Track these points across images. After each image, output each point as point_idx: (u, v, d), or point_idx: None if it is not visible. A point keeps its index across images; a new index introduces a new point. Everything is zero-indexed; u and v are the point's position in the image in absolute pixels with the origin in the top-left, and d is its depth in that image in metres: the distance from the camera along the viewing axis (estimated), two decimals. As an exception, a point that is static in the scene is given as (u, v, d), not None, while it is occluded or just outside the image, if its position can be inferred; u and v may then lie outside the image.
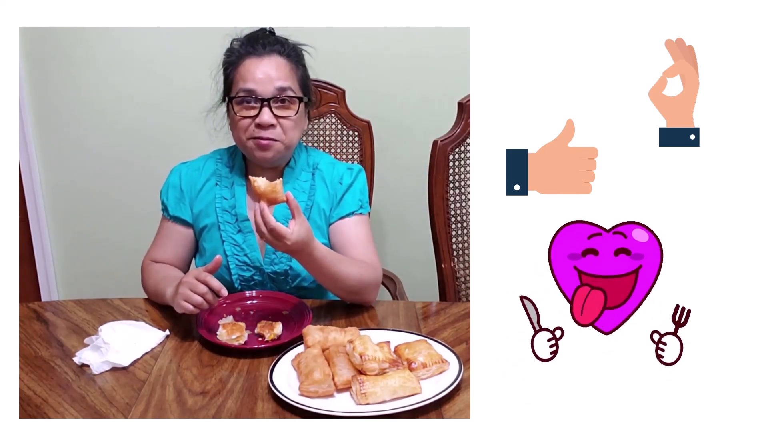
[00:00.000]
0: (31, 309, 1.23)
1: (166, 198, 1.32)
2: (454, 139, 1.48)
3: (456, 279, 1.50)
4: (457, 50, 1.79)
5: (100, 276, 2.14)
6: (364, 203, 1.32)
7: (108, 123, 1.97)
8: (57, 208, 2.07)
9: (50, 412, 0.91)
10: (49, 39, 1.89)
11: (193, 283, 1.07)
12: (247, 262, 1.28)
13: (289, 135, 1.23)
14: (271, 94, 1.20)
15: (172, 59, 1.90)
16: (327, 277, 1.17)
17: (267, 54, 1.22)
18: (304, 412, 0.89)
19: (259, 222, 1.05)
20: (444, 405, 0.92)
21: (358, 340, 0.98)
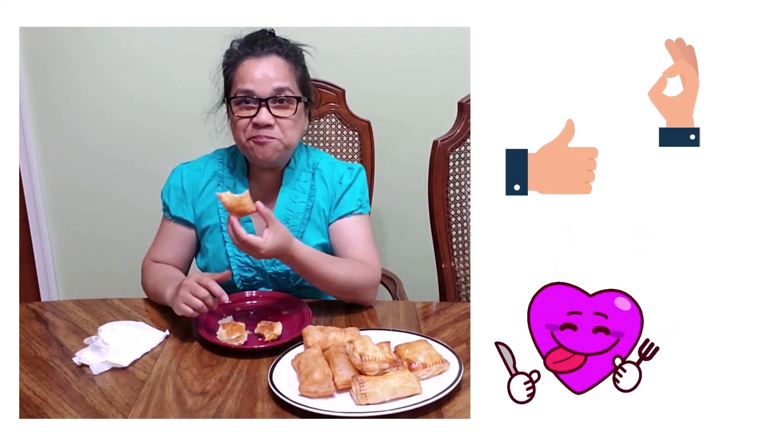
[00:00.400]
0: (31, 309, 1.23)
1: (167, 198, 1.32)
2: (454, 139, 1.48)
3: (456, 279, 1.50)
4: (457, 50, 1.79)
5: (100, 276, 2.14)
6: (363, 203, 1.32)
7: (108, 123, 1.97)
8: (57, 208, 2.07)
9: (50, 413, 0.91)
10: (49, 39, 1.89)
11: (194, 286, 1.07)
12: (249, 263, 1.28)
13: (287, 135, 1.23)
14: (269, 94, 1.20)
15: (172, 59, 1.90)
16: (315, 277, 1.19)
17: (265, 54, 1.22)
18: (304, 413, 0.89)
19: (232, 235, 1.08)
20: (444, 405, 0.92)
21: (358, 340, 0.98)
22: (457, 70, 1.77)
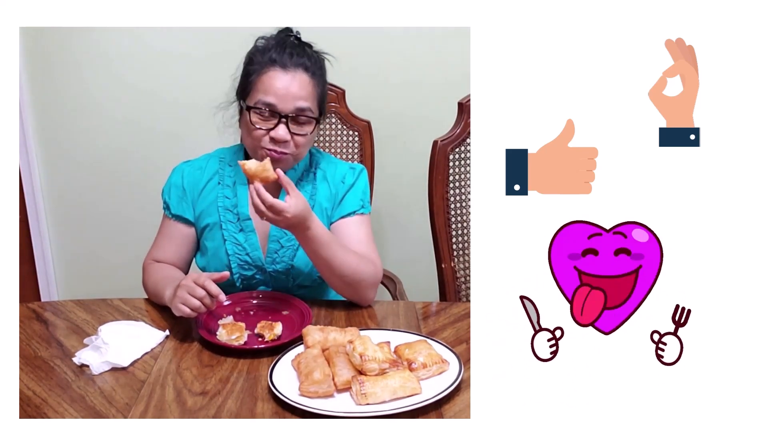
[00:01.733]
0: (31, 309, 1.23)
1: (168, 197, 1.32)
2: (454, 139, 1.48)
3: (456, 279, 1.50)
4: (457, 50, 1.79)
5: (100, 276, 2.14)
6: (365, 203, 1.32)
7: (108, 123, 1.97)
8: (57, 208, 2.07)
9: (50, 412, 0.91)
10: (49, 39, 1.89)
11: (191, 286, 1.07)
12: (249, 262, 1.28)
13: (300, 150, 1.23)
14: (289, 111, 1.19)
15: (174, 59, 1.90)
16: (323, 259, 1.18)
17: (293, 68, 1.20)
18: (304, 413, 0.89)
19: (257, 201, 1.08)
20: (444, 405, 0.92)
21: (358, 340, 0.98)
22: (457, 70, 1.77)
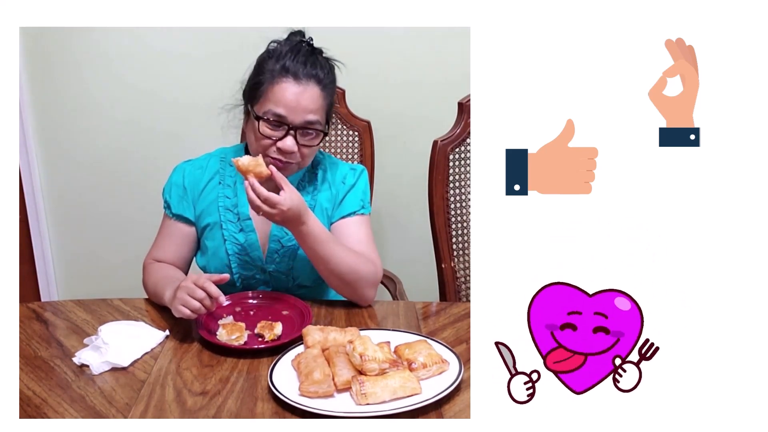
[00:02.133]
0: (31, 309, 1.23)
1: (168, 196, 1.32)
2: (454, 139, 1.48)
3: (456, 279, 1.50)
4: (457, 50, 1.79)
5: (100, 276, 2.14)
6: (365, 203, 1.32)
7: (108, 123, 1.97)
8: (57, 208, 2.07)
9: (50, 412, 0.91)
10: (50, 39, 1.89)
11: (191, 288, 1.07)
12: (249, 261, 1.28)
13: (305, 160, 1.24)
14: (299, 123, 1.19)
15: (175, 60, 1.90)
16: (320, 256, 1.18)
17: (305, 80, 1.19)
18: (304, 413, 0.89)
19: (252, 196, 1.10)
20: (444, 405, 0.92)
21: (358, 340, 0.98)
22: (457, 70, 1.77)
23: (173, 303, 1.09)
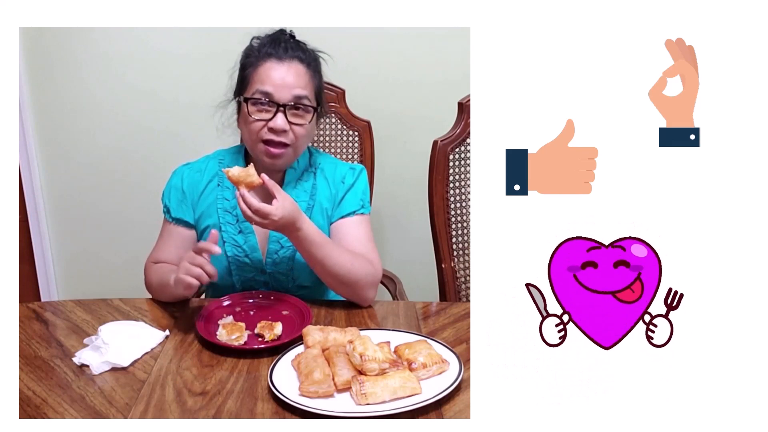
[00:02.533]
0: (31, 309, 1.23)
1: (168, 200, 1.32)
2: (454, 139, 1.48)
3: (456, 279, 1.50)
4: (457, 50, 1.79)
5: (100, 276, 2.14)
6: (365, 203, 1.32)
7: (109, 123, 1.97)
8: (57, 208, 2.07)
9: (50, 412, 0.91)
10: (50, 39, 1.89)
11: (190, 256, 1.10)
12: (249, 263, 1.28)
13: (299, 141, 1.24)
14: (287, 101, 1.20)
15: (175, 60, 1.90)
16: (316, 259, 1.18)
17: (288, 59, 1.22)
18: (304, 413, 0.89)
19: (243, 207, 1.10)
20: (444, 405, 0.92)
21: (358, 340, 0.98)
22: (457, 70, 1.78)
23: (177, 277, 1.11)
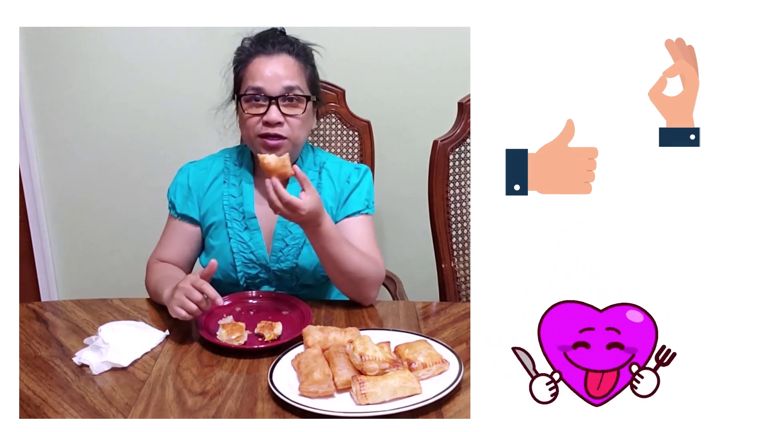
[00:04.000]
0: (31, 309, 1.23)
1: (173, 197, 1.32)
2: (454, 139, 1.48)
3: (456, 279, 1.50)
4: (456, 50, 1.79)
5: (100, 276, 2.14)
6: (370, 203, 1.32)
7: (109, 123, 1.97)
8: (57, 208, 2.07)
9: (50, 412, 0.91)
10: (50, 38, 1.89)
11: (188, 289, 1.07)
12: (253, 260, 1.29)
13: (296, 133, 1.24)
14: (278, 93, 1.21)
15: (175, 61, 1.90)
16: (330, 255, 1.18)
17: (276, 53, 1.24)
18: (304, 412, 0.89)
19: (273, 197, 1.09)
20: (444, 405, 0.92)
21: (358, 340, 0.98)
22: (457, 70, 1.77)
23: (170, 303, 1.09)
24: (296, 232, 1.27)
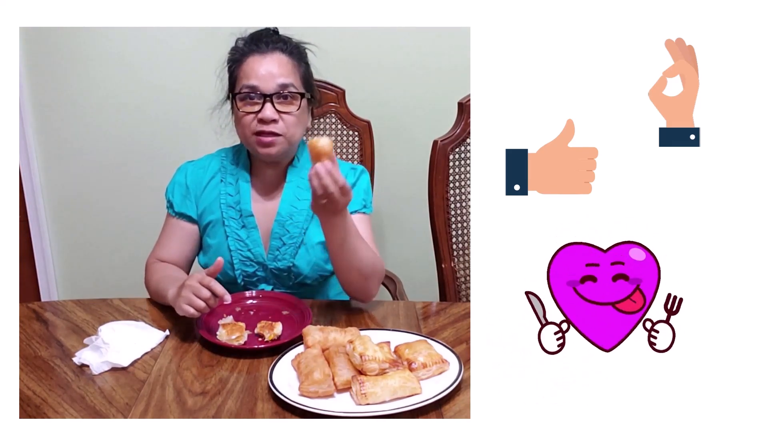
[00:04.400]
0: (31, 309, 1.23)
1: (171, 195, 1.32)
2: (454, 139, 1.48)
3: (456, 279, 1.50)
4: (456, 50, 1.79)
5: (100, 276, 2.14)
6: (367, 203, 1.32)
7: (109, 123, 1.97)
8: (57, 208, 2.07)
9: (50, 412, 0.91)
10: (50, 38, 1.89)
11: (196, 287, 1.06)
12: (251, 258, 1.29)
13: (291, 130, 1.24)
14: (273, 90, 1.22)
15: (175, 61, 1.90)
16: (350, 247, 1.14)
17: (269, 51, 1.24)
18: (304, 412, 0.89)
19: (328, 182, 1.02)
20: (444, 405, 0.92)
21: (358, 340, 0.98)
22: (457, 70, 1.77)
23: (177, 302, 1.09)
24: (293, 231, 1.27)
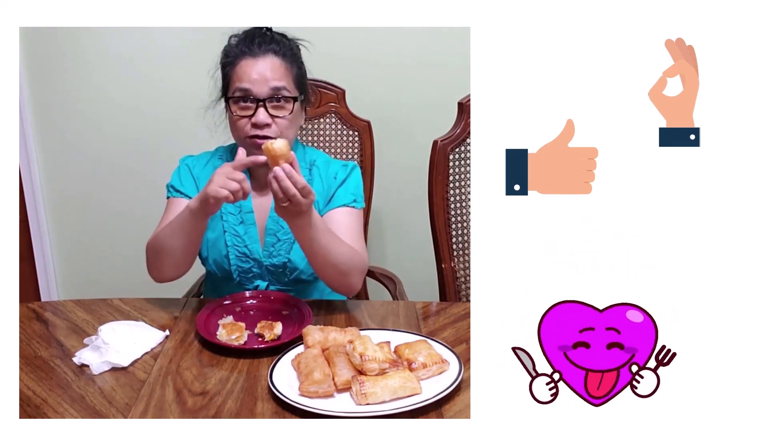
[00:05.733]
0: (31, 309, 1.23)
1: (174, 182, 1.32)
2: (454, 139, 1.48)
3: (456, 279, 1.50)
4: (457, 50, 1.79)
5: (100, 276, 2.14)
6: (357, 198, 1.31)
7: (109, 123, 1.97)
8: (57, 208, 2.07)
9: (50, 412, 0.91)
10: (50, 38, 1.89)
11: (229, 171, 1.06)
12: (247, 254, 1.29)
13: (284, 133, 1.24)
14: (266, 95, 1.21)
15: (173, 61, 1.90)
16: (321, 246, 1.14)
17: (262, 54, 1.24)
18: (304, 412, 0.89)
19: (288, 184, 1.02)
20: (444, 405, 0.92)
21: (358, 340, 0.98)
22: (457, 70, 1.77)
23: (209, 187, 1.07)
24: (287, 227, 1.27)
